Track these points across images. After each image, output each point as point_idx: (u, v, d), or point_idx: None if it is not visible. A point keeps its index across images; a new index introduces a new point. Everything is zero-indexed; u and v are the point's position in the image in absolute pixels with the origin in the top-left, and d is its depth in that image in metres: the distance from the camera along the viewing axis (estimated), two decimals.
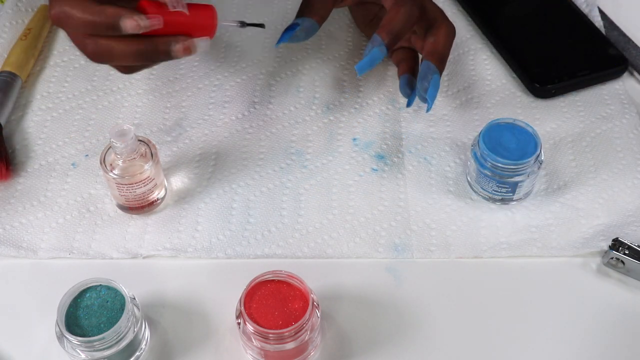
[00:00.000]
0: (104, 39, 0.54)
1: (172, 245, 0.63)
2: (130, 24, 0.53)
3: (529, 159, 0.61)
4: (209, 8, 0.58)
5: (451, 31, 0.67)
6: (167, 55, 0.56)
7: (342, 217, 0.64)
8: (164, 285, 0.61)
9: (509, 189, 0.63)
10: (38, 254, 0.62)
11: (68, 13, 0.53)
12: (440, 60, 0.65)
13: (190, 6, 0.57)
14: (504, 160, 0.61)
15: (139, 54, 0.55)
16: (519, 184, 0.63)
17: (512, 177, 0.62)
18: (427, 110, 0.65)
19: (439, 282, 0.61)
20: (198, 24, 0.57)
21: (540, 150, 0.62)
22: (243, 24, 0.62)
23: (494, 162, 0.62)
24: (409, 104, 0.68)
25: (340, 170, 0.68)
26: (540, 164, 0.63)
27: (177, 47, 0.56)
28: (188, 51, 0.56)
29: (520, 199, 0.65)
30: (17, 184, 0.67)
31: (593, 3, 0.81)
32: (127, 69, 0.59)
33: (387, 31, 0.63)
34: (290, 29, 0.67)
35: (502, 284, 0.60)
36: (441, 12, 0.67)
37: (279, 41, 0.67)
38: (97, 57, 0.56)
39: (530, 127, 0.63)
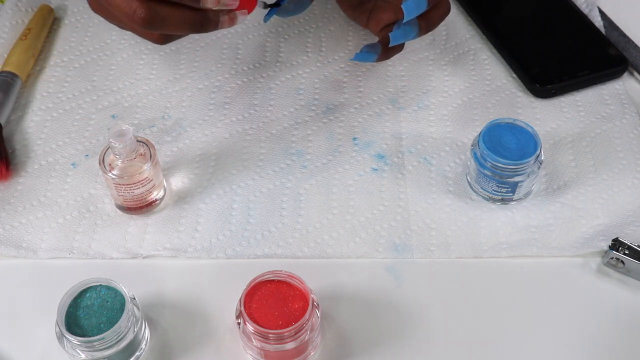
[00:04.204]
0: (160, 5, 0.55)
1: (172, 245, 0.63)
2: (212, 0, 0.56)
3: (529, 159, 0.61)
4: None
5: (448, 10, 0.68)
6: (215, 26, 0.59)
7: (342, 217, 0.64)
8: (164, 285, 0.61)
9: (509, 189, 0.63)
10: (38, 254, 0.62)
11: None
12: (427, 28, 0.67)
13: None
14: (504, 161, 0.61)
15: (192, 23, 0.57)
16: (519, 184, 0.63)
17: (512, 177, 0.62)
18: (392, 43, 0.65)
19: (439, 282, 0.61)
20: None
21: (540, 150, 0.62)
22: (265, 5, 0.66)
23: (494, 162, 0.62)
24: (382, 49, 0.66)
25: (340, 170, 0.68)
26: (540, 164, 0.63)
27: (224, 17, 0.59)
28: (232, 22, 0.60)
29: (520, 199, 0.65)
30: (17, 184, 0.67)
31: (593, 3, 0.81)
32: (165, 39, 0.60)
33: (427, 24, 0.65)
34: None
35: (502, 284, 0.60)
36: None
37: (267, 15, 0.68)
38: (148, 23, 0.56)
39: (530, 127, 0.63)
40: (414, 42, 0.78)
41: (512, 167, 0.61)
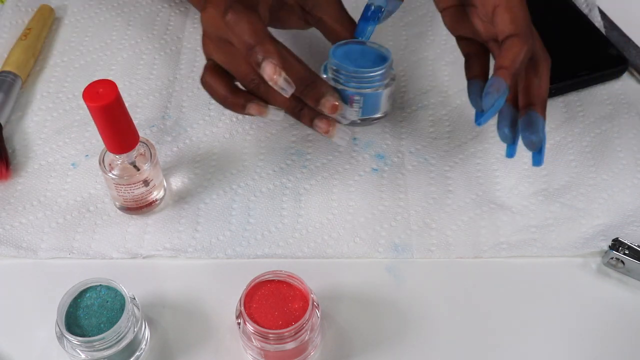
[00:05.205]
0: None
1: (172, 245, 0.63)
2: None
3: (377, 68, 0.60)
4: None
5: (549, 68, 0.58)
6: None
7: (342, 217, 0.64)
8: (164, 285, 0.61)
9: (359, 103, 0.61)
10: (38, 254, 0.62)
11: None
12: (544, 108, 0.57)
13: None
14: (350, 67, 0.60)
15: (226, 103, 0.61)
16: (367, 97, 0.61)
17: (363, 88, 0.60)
18: (535, 164, 0.58)
19: (439, 282, 0.61)
20: None
21: (391, 64, 0.61)
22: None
23: (339, 69, 0.60)
24: (509, 149, 0.58)
25: (340, 170, 0.68)
26: (393, 79, 0.62)
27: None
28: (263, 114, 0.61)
29: (381, 116, 0.63)
30: (17, 184, 0.67)
31: (593, 3, 0.81)
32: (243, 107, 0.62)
33: (512, 74, 0.54)
34: (371, 18, 0.64)
35: (502, 284, 0.60)
36: (541, 43, 0.58)
37: (358, 33, 0.65)
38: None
39: (385, 48, 0.62)
40: (414, 42, 0.78)
41: (358, 75, 0.60)
